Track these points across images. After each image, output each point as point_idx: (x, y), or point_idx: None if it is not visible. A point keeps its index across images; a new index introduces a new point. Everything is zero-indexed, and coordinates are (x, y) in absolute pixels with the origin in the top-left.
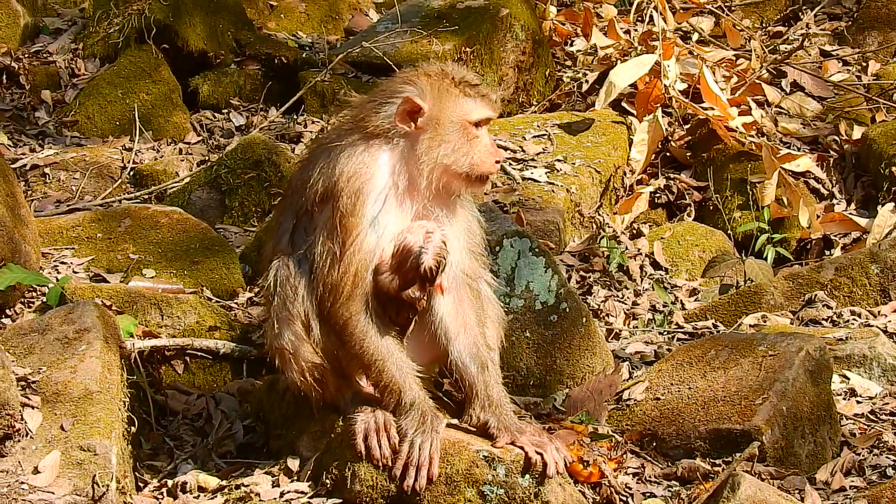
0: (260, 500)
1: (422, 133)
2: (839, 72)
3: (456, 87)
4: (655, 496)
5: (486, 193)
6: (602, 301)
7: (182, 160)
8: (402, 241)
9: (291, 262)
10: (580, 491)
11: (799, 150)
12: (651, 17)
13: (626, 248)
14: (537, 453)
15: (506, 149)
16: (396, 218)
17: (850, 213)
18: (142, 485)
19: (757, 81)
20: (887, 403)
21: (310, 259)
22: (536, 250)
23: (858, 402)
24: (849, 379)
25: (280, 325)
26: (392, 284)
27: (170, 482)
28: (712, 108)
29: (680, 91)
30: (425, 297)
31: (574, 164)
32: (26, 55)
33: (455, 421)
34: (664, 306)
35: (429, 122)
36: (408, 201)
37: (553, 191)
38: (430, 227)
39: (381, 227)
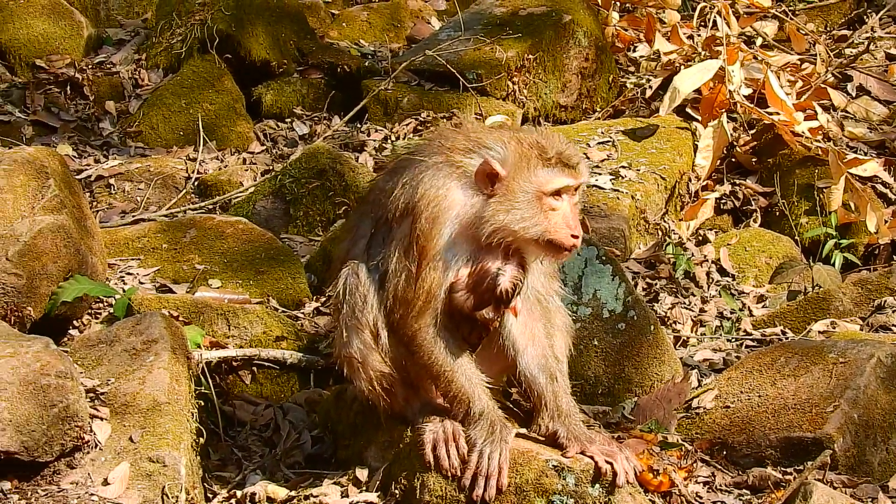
0: None
1: (494, 196)
2: None
3: (539, 156)
4: None
5: None
6: (669, 308)
7: (246, 170)
8: (481, 261)
9: (362, 270)
10: (650, 500)
11: (865, 154)
12: (714, 21)
13: (693, 255)
14: (607, 462)
15: None
16: (471, 244)
17: None
18: (210, 496)
19: (822, 86)
20: None
21: (382, 269)
22: (603, 258)
23: None
24: None
25: (349, 333)
26: (467, 303)
27: (238, 493)
28: (778, 113)
29: (745, 96)
30: (498, 319)
31: (639, 170)
32: (90, 66)
33: (524, 430)
34: (732, 313)
35: (503, 186)
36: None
37: (618, 198)
38: (507, 258)
39: (457, 251)
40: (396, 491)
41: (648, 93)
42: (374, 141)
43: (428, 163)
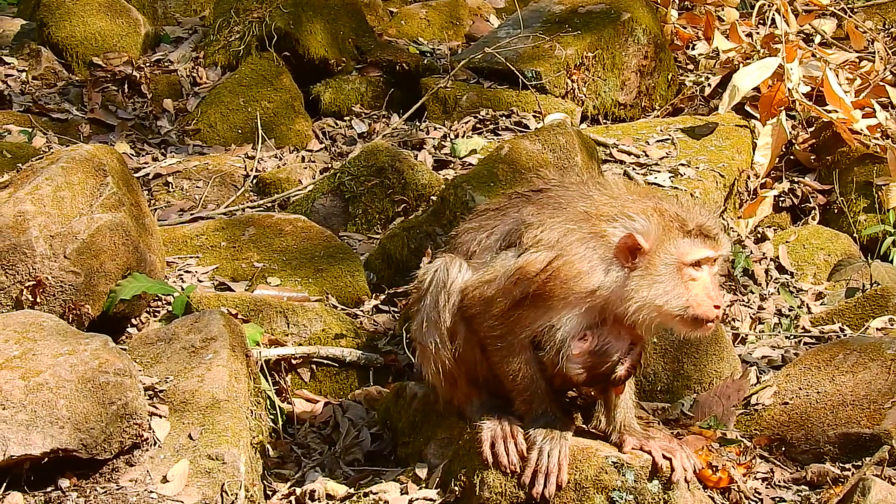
0: None
1: (635, 269)
2: None
3: (680, 228)
4: (785, 501)
5: None
6: (728, 305)
7: (305, 168)
8: (605, 344)
9: (454, 266)
10: (709, 496)
11: None
12: (773, 19)
13: (751, 253)
14: (665, 458)
15: (629, 153)
16: (593, 315)
17: None
18: (270, 493)
19: (881, 83)
20: None
21: (481, 269)
22: None
23: None
24: None
25: (428, 325)
26: (579, 378)
27: (298, 490)
28: (836, 111)
29: (803, 94)
30: (601, 397)
31: (698, 168)
32: (148, 64)
33: (583, 427)
34: (790, 310)
35: (644, 260)
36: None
37: (677, 195)
38: (636, 338)
39: (574, 318)
40: (456, 488)
41: (707, 90)
42: (433, 139)
43: (575, 229)
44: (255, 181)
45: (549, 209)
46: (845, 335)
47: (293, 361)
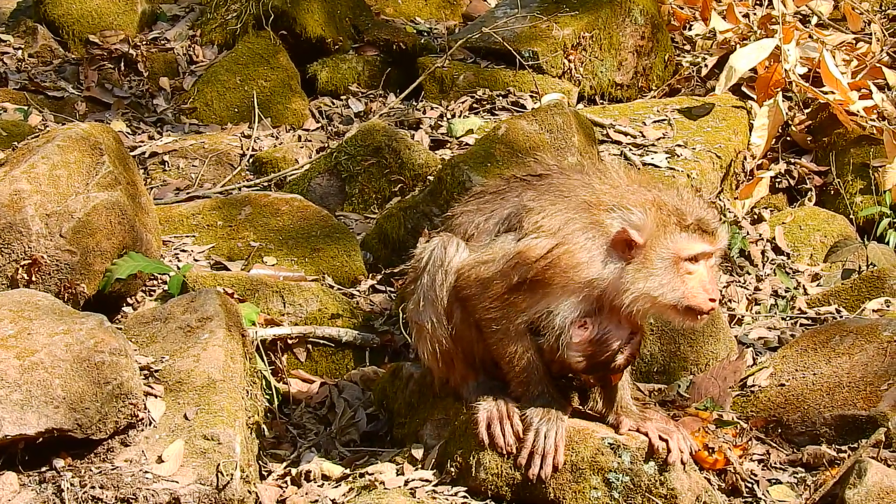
0: (384, 489)
1: (631, 262)
2: None
3: (678, 223)
4: (781, 483)
5: None
6: (724, 286)
7: (301, 147)
8: (605, 333)
9: (451, 246)
10: (705, 478)
11: None
12: (770, 0)
13: (748, 234)
14: (662, 440)
15: (626, 134)
16: (591, 303)
17: None
18: (266, 473)
19: (877, 65)
20: None
21: (478, 250)
22: None
23: None
24: None
25: (424, 303)
26: (578, 366)
27: (294, 470)
28: (833, 93)
29: (800, 75)
30: (599, 384)
31: (694, 148)
32: (144, 42)
33: (579, 408)
34: (786, 291)
35: (640, 253)
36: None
37: (673, 176)
38: (635, 327)
39: (572, 305)
40: (452, 469)
41: (704, 71)
42: (430, 119)
43: (576, 218)
44: (251, 160)
45: (551, 196)
46: (841, 317)
47: (289, 341)
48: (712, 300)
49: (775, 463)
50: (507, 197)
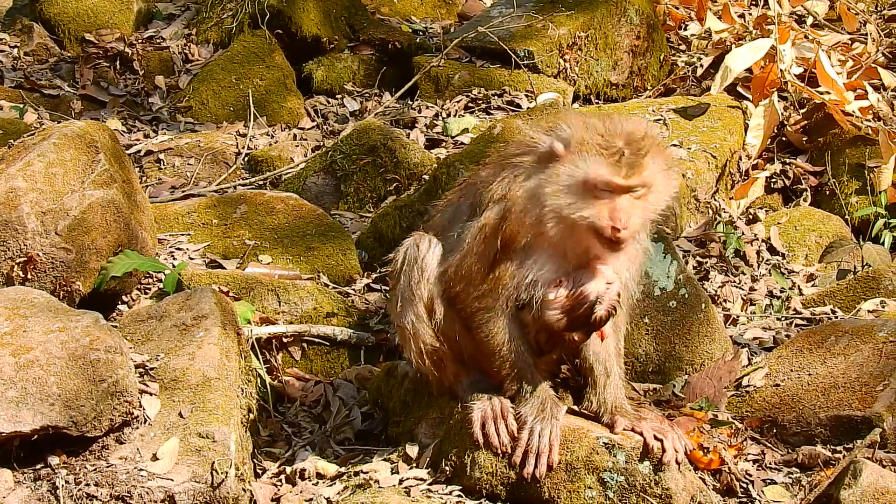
0: (379, 487)
1: (553, 175)
2: None
3: (599, 145)
4: (776, 483)
5: None
6: (719, 287)
7: (297, 146)
8: (580, 285)
9: (423, 243)
10: (700, 478)
11: None
12: (766, 0)
13: (743, 234)
14: (657, 439)
15: None
16: (562, 258)
17: None
18: (260, 471)
19: (873, 65)
20: None
21: (453, 243)
22: (655, 236)
23: None
24: None
25: (403, 304)
26: (559, 323)
27: (288, 469)
28: (828, 93)
29: (796, 75)
30: (584, 341)
31: (690, 148)
32: (140, 41)
33: (574, 407)
34: (781, 292)
35: (561, 166)
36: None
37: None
38: (611, 278)
39: (539, 258)
40: (447, 468)
41: (699, 71)
42: (425, 118)
43: (517, 164)
44: (246, 159)
45: (499, 166)
46: (837, 317)
47: (284, 340)
48: (616, 228)
49: (770, 463)
50: (469, 187)
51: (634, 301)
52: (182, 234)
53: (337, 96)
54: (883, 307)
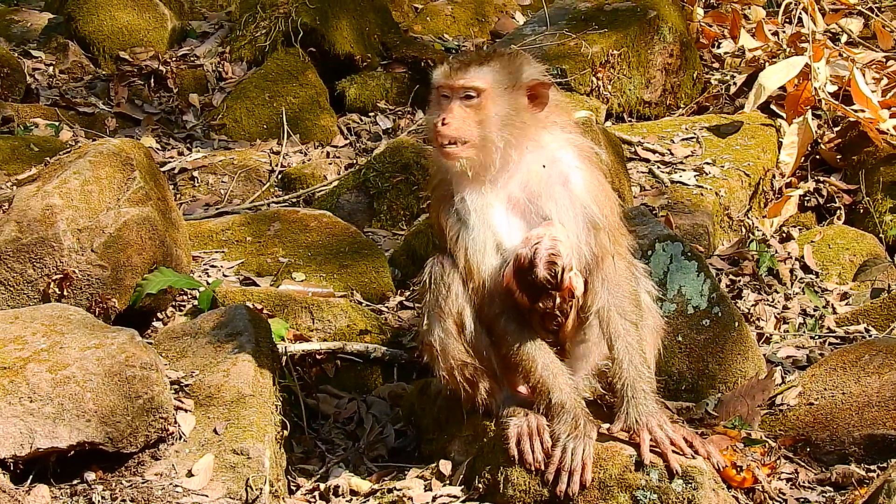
0: None
1: None
2: None
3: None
4: (809, 502)
5: (634, 196)
6: (752, 305)
7: (330, 163)
8: (516, 256)
9: (447, 260)
10: (733, 496)
11: None
12: (800, 18)
13: (776, 252)
14: (654, 452)
15: (654, 151)
16: (487, 212)
17: None
18: (294, 488)
19: None
20: None
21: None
22: (689, 254)
23: None
24: None
25: (430, 321)
26: (523, 300)
27: (322, 486)
28: (863, 111)
29: (830, 93)
30: (562, 304)
31: (723, 166)
32: (174, 59)
33: (607, 425)
34: (815, 310)
35: None
36: (486, 185)
37: (702, 194)
38: (538, 234)
39: (472, 228)
40: (480, 485)
41: (733, 89)
42: None
43: None
44: (280, 176)
45: None
46: (871, 336)
47: (318, 357)
48: (438, 133)
49: (804, 482)
50: None
51: (651, 301)
52: (216, 252)
53: (370, 114)
54: None
